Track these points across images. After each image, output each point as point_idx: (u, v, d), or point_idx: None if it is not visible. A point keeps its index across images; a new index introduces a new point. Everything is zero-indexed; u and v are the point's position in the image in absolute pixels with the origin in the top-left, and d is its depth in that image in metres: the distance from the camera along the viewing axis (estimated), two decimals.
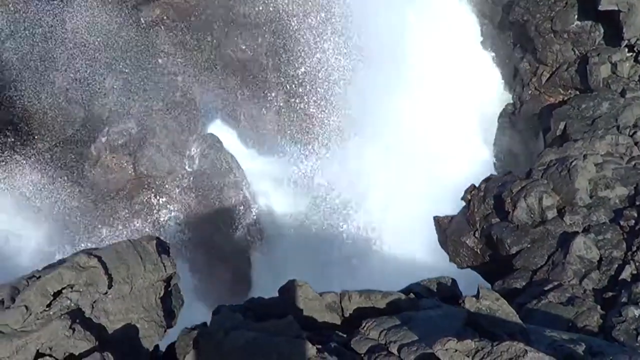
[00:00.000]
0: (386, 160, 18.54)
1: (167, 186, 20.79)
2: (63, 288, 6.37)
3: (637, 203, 10.80)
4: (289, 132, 21.91)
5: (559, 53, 15.81)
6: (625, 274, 9.62)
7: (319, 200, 20.06)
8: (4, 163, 19.62)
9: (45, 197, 19.65)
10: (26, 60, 20.27)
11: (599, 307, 9.02)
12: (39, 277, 6.39)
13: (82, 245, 18.57)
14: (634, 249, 9.96)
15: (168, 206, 20.75)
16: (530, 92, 16.24)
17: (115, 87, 21.02)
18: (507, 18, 17.47)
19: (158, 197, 20.71)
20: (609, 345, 6.84)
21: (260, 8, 21.19)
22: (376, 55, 18.56)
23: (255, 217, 21.33)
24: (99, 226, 20.02)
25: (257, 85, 22.10)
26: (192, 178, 21.02)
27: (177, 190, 20.84)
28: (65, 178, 20.10)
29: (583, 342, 6.22)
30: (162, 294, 7.09)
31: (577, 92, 15.33)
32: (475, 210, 12.25)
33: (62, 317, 6.16)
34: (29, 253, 18.52)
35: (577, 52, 15.57)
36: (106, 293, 6.53)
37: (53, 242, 19.14)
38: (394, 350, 5.94)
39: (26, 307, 6.12)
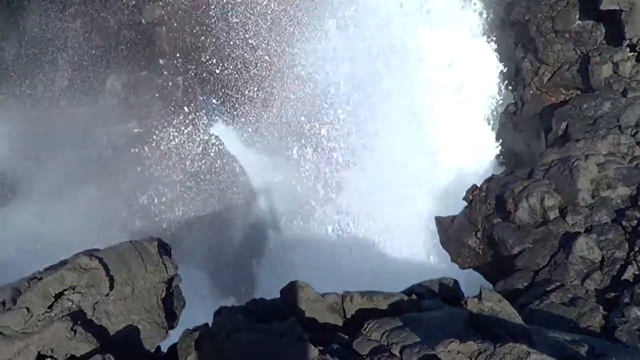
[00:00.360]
0: (386, 160, 18.49)
1: (168, 186, 20.77)
2: (64, 289, 6.36)
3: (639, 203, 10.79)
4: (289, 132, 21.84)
5: (560, 53, 15.77)
6: (628, 275, 9.60)
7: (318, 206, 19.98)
8: None
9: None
10: (25, 61, 20.28)
11: (601, 307, 8.98)
12: (40, 278, 6.38)
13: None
14: (636, 249, 9.94)
15: (169, 207, 20.72)
16: (531, 92, 16.20)
17: (115, 87, 21.00)
18: (508, 17, 17.44)
19: (159, 198, 20.69)
20: (612, 346, 6.84)
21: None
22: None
23: (256, 217, 21.30)
24: (100, 227, 19.98)
25: (258, 85, 22.05)
26: (193, 178, 20.99)
27: (178, 191, 20.82)
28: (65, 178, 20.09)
29: (585, 343, 6.21)
30: (163, 296, 7.09)
31: (579, 92, 15.28)
32: (477, 210, 12.23)
33: (64, 319, 6.16)
34: (29, 253, 18.51)
35: (578, 51, 15.53)
36: (108, 294, 6.53)
37: (53, 243, 19.12)
38: (396, 352, 5.94)
39: (27, 309, 6.11)
